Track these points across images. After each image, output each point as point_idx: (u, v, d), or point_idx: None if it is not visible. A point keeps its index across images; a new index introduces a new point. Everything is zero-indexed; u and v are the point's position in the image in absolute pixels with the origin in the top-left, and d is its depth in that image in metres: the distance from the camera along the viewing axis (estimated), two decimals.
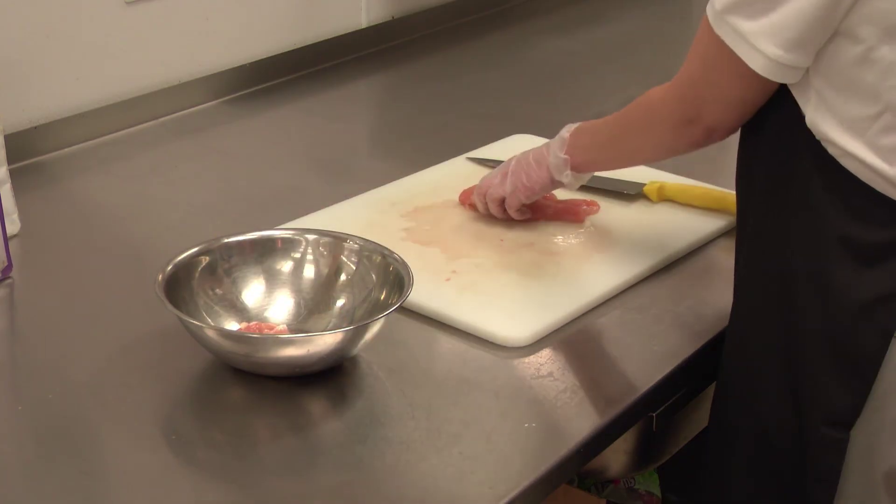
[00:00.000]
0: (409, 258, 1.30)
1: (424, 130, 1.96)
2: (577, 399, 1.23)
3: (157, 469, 1.11)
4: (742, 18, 1.12)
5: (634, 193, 1.63)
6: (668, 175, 1.68)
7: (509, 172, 1.49)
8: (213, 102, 2.03)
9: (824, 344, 1.18)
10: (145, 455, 1.13)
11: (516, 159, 1.50)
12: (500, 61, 2.33)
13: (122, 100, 1.90)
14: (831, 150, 1.15)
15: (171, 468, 1.12)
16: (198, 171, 1.78)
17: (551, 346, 1.31)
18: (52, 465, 1.11)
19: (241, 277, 1.32)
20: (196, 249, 1.31)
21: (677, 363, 1.29)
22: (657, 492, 1.78)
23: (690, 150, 1.30)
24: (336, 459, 1.14)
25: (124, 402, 1.21)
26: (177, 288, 1.26)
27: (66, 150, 1.82)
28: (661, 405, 1.28)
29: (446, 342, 1.32)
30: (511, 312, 1.35)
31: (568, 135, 1.43)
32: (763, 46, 1.12)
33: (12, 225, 1.51)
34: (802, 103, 1.16)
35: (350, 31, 2.29)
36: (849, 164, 1.14)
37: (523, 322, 1.33)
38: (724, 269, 1.51)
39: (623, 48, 2.42)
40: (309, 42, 2.20)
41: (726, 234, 1.57)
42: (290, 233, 1.37)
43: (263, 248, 1.34)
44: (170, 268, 1.27)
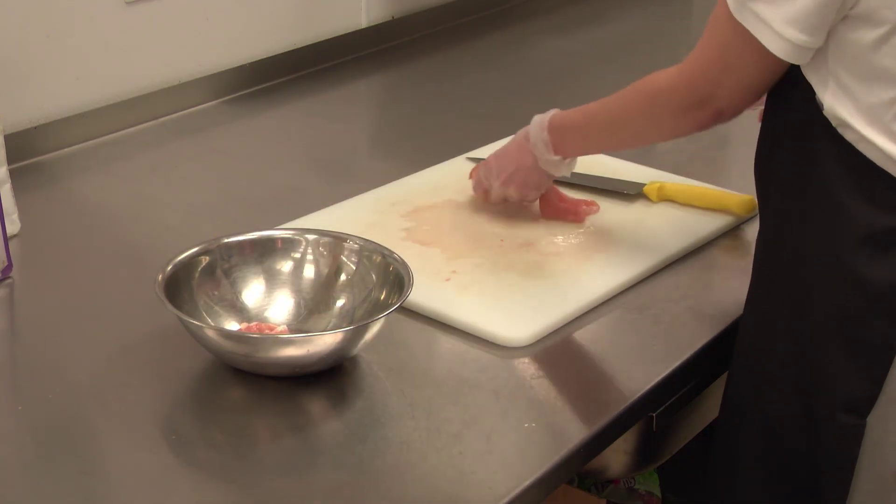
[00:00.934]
0: (409, 258, 1.30)
1: (424, 130, 1.96)
2: (577, 399, 1.23)
3: (157, 469, 1.11)
4: (765, 5, 1.15)
5: (634, 193, 1.63)
6: (668, 175, 1.68)
7: (508, 178, 1.53)
8: (213, 102, 2.03)
9: (839, 330, 1.19)
10: (145, 455, 1.13)
11: (516, 163, 1.52)
12: (500, 61, 2.33)
13: (122, 100, 1.90)
14: (849, 137, 1.16)
15: (171, 468, 1.12)
16: (198, 171, 1.78)
17: (551, 346, 1.31)
18: (52, 465, 1.11)
19: (240, 277, 1.32)
20: (196, 249, 1.31)
21: (677, 363, 1.29)
22: (657, 492, 1.78)
23: (694, 132, 1.33)
24: (336, 459, 1.14)
25: (124, 402, 1.21)
26: (177, 288, 1.26)
27: (66, 150, 1.82)
28: (661, 405, 1.28)
29: (446, 342, 1.32)
30: (511, 312, 1.35)
31: (548, 122, 1.48)
32: (787, 32, 1.15)
33: (12, 225, 1.51)
34: (820, 91, 1.17)
35: (350, 31, 2.29)
36: (866, 149, 1.15)
37: (523, 322, 1.33)
38: (725, 269, 1.52)
39: (623, 48, 2.42)
40: (309, 42, 2.20)
41: (726, 234, 1.57)
42: (290, 233, 1.37)
43: (263, 248, 1.34)
44: (170, 268, 1.27)
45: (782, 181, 1.25)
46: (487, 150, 1.78)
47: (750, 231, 1.57)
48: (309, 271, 1.34)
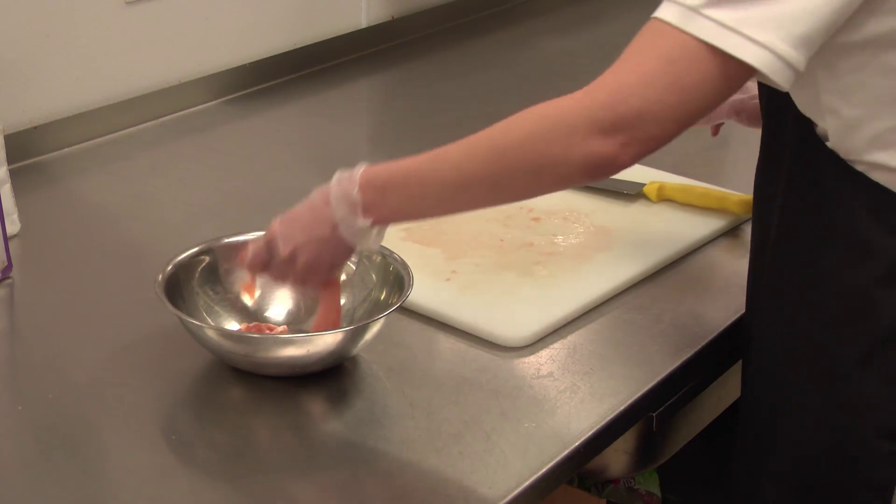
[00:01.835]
0: (409, 258, 1.30)
1: (424, 130, 1.96)
2: (577, 399, 1.23)
3: (157, 469, 1.11)
4: (728, 10, 1.00)
5: (634, 193, 1.63)
6: (668, 175, 1.68)
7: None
8: (213, 102, 2.03)
9: (867, 360, 1.15)
10: (145, 455, 1.13)
11: (307, 234, 1.19)
12: (500, 61, 2.33)
13: (122, 100, 1.90)
14: (858, 167, 1.10)
15: (171, 468, 1.12)
16: (198, 171, 1.78)
17: (551, 346, 1.31)
18: (52, 465, 1.11)
19: (241, 278, 1.32)
20: (196, 249, 1.31)
21: (677, 363, 1.29)
22: (657, 492, 1.77)
23: (597, 176, 1.05)
24: (336, 459, 1.14)
25: (124, 402, 1.21)
26: (177, 288, 1.26)
27: (66, 150, 1.82)
28: (661, 405, 1.28)
29: (446, 342, 1.32)
30: (511, 312, 1.35)
31: (359, 178, 1.16)
32: (762, 37, 0.99)
33: (12, 225, 1.51)
34: (820, 130, 1.12)
35: (350, 31, 2.29)
36: (878, 176, 1.10)
37: (523, 322, 1.33)
38: (724, 269, 1.52)
39: (623, 48, 2.41)
40: (309, 42, 2.20)
41: (726, 234, 1.57)
42: None
43: None
44: (170, 268, 1.27)
45: (787, 216, 1.19)
46: None
47: (750, 231, 1.56)
48: None
